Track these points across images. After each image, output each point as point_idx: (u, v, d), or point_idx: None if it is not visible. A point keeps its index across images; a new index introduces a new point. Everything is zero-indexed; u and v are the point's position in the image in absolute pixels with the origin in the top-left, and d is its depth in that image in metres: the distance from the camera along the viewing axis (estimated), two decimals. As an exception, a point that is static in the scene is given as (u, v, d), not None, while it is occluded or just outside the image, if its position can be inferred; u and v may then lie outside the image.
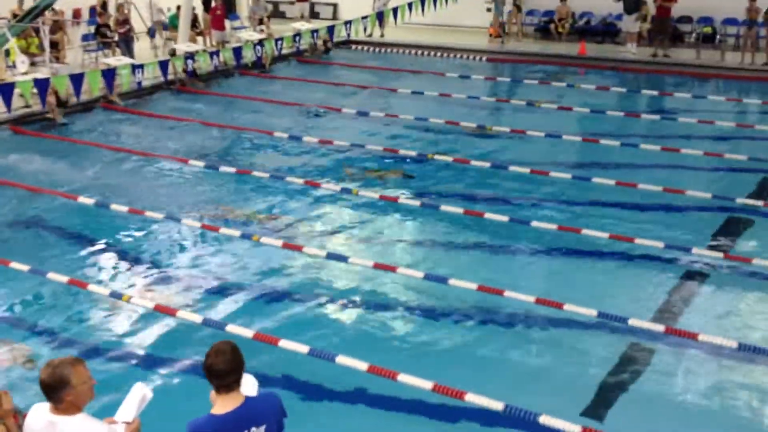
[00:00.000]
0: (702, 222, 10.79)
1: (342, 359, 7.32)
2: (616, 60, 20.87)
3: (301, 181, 12.35)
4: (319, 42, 22.79)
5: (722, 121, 15.23)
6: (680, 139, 14.12)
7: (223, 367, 4.25)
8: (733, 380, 7.38)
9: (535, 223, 10.46)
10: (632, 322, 8.04)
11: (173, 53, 18.66)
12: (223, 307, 8.58)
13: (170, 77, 17.77)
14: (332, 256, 9.66)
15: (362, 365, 7.22)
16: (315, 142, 14.51)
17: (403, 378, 7.01)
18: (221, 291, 9.02)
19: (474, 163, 13.03)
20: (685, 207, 11.20)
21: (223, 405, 4.31)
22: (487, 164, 12.87)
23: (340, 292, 8.99)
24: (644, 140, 14.00)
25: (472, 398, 6.73)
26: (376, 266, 9.40)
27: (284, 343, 7.59)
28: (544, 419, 6.47)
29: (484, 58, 22.44)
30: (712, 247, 9.89)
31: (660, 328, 8.01)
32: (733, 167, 12.68)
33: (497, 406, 6.63)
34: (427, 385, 6.91)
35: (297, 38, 18.86)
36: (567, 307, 8.29)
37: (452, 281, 8.86)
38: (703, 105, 16.64)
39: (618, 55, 21.44)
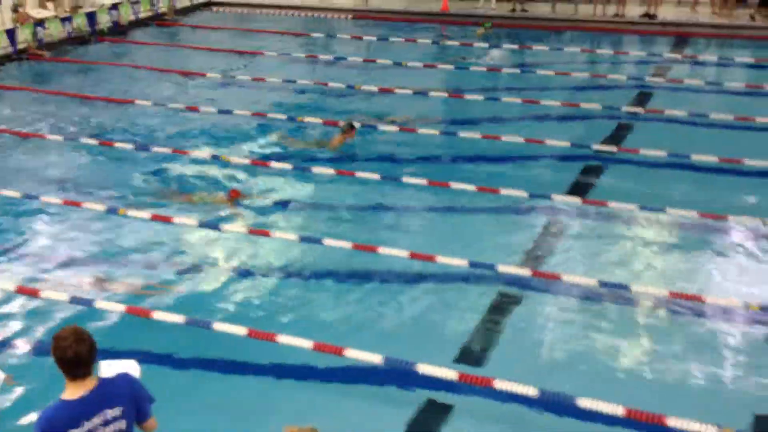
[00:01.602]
0: (561, 169, 11.28)
1: (219, 326, 7.32)
2: (478, 16, 21.31)
3: (168, 150, 12.08)
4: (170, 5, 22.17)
5: (577, 72, 15.86)
6: (539, 91, 14.63)
7: (85, 354, 4.08)
8: (595, 318, 7.82)
9: (405, 179, 10.69)
10: (501, 268, 8.39)
11: (15, 9, 17.60)
12: (90, 284, 8.38)
13: (20, 47, 16.87)
14: (205, 225, 9.57)
15: (241, 330, 7.25)
16: (181, 108, 14.19)
17: (283, 339, 7.09)
18: (87, 266, 8.79)
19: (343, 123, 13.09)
20: (546, 156, 11.68)
21: (74, 389, 4.15)
22: (357, 125, 12.95)
23: (213, 260, 8.93)
24: (507, 93, 14.43)
25: (352, 353, 6.88)
26: (251, 232, 9.40)
27: (159, 315, 7.51)
28: (422, 368, 6.70)
29: (350, 17, 22.46)
30: (571, 193, 10.38)
31: (527, 272, 8.41)
32: (587, 116, 13.26)
33: (376, 359, 6.81)
34: (307, 344, 7.01)
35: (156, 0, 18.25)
36: (439, 259, 8.57)
37: (327, 241, 8.97)
38: (560, 57, 17.25)
39: (479, 11, 21.91)
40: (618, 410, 6.16)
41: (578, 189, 10.56)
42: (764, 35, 18.71)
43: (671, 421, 6.03)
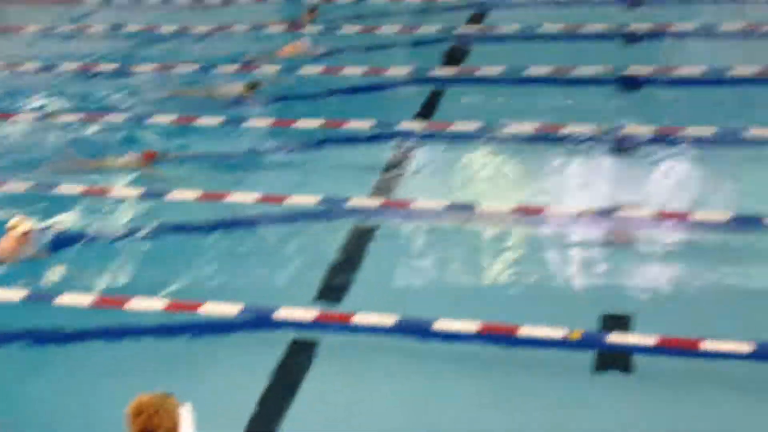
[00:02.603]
0: (405, 96, 11.34)
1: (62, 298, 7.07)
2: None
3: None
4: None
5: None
6: (377, 18, 14.52)
7: None
8: (448, 240, 8.03)
9: (246, 124, 10.51)
10: (352, 202, 8.45)
11: None
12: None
13: None
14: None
15: (86, 299, 7.02)
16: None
17: (135, 303, 6.92)
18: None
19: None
20: (389, 83, 11.69)
21: None
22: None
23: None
24: (345, 22, 14.24)
25: (210, 308, 6.80)
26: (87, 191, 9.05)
27: None
28: (282, 312, 6.71)
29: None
30: (416, 118, 10.48)
31: (378, 202, 8.50)
32: (425, 40, 13.31)
33: (234, 310, 6.76)
34: (159, 304, 6.86)
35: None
36: (289, 199, 8.53)
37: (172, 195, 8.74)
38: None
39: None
40: (473, 326, 6.39)
41: (423, 114, 10.66)
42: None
43: (523, 330, 6.31)
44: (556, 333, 6.24)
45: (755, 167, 8.71)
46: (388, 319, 6.55)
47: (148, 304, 6.89)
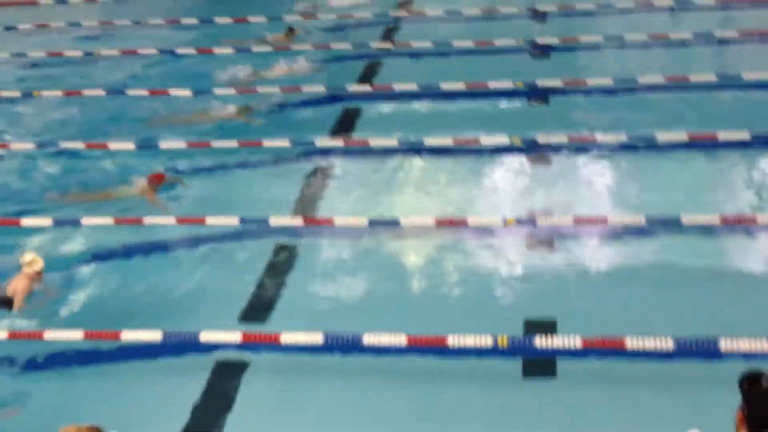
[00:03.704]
0: (321, 113, 11.31)
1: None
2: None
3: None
4: None
5: (324, 13, 15.79)
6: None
7: None
8: (370, 255, 8.03)
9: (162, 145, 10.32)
10: (273, 221, 8.36)
11: None
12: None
13: None
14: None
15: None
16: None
17: (50, 334, 6.69)
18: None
19: (87, 92, 12.28)
20: (305, 102, 11.65)
21: None
22: (102, 92, 12.22)
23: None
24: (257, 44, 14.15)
25: (129, 336, 6.60)
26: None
27: None
28: (205, 335, 6.56)
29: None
30: (333, 136, 10.46)
31: (299, 221, 8.43)
32: (340, 57, 13.34)
33: (156, 336, 6.58)
34: (77, 335, 6.64)
35: None
36: (210, 220, 8.38)
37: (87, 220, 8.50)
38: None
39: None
40: (401, 340, 6.37)
41: (339, 131, 10.65)
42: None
43: (450, 340, 6.32)
44: (484, 341, 6.27)
45: (665, 170, 8.99)
46: (315, 337, 6.47)
47: (67, 335, 6.64)
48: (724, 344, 5.94)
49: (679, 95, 10.78)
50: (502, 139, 9.83)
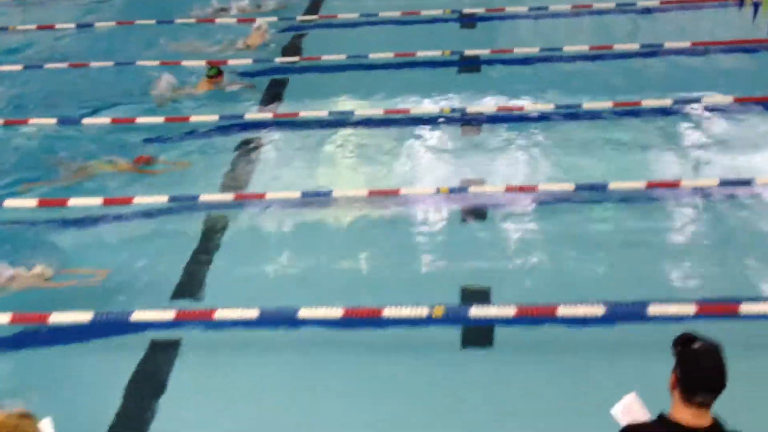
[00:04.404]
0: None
1: None
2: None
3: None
4: None
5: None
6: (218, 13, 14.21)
7: None
8: (303, 227, 7.96)
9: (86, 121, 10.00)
10: (203, 197, 8.21)
11: None
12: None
13: None
14: None
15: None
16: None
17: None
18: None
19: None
20: (231, 74, 11.42)
21: None
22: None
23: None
24: (181, 16, 13.76)
25: (57, 318, 6.43)
26: None
27: None
28: (137, 315, 6.42)
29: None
30: (262, 109, 10.31)
31: (230, 197, 8.31)
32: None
33: (86, 317, 6.41)
34: (4, 318, 6.42)
35: None
36: (137, 200, 8.20)
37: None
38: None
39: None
40: (337, 313, 6.34)
41: (268, 103, 10.48)
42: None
43: (386, 311, 6.32)
44: (420, 312, 6.29)
45: (593, 138, 9.15)
46: (250, 313, 6.40)
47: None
48: (653, 308, 6.09)
49: (604, 63, 10.98)
50: (432, 108, 9.84)
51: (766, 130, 9.14)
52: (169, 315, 6.47)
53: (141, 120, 9.95)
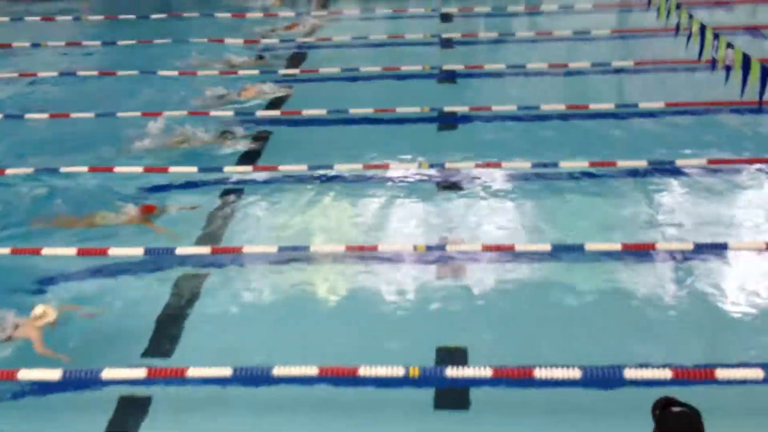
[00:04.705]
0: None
1: None
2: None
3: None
4: None
5: (230, 38, 15.58)
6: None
7: None
8: (280, 283, 7.91)
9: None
10: (178, 251, 8.15)
11: None
12: None
13: None
14: None
15: None
16: None
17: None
18: None
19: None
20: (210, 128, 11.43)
21: None
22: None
23: None
24: (163, 67, 13.85)
25: (26, 374, 6.29)
26: None
27: None
28: (107, 373, 6.31)
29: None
30: (241, 162, 10.31)
31: (207, 250, 8.25)
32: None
33: (55, 375, 6.28)
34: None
35: None
36: (111, 251, 8.13)
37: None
38: (207, 27, 16.75)
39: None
40: (312, 371, 6.27)
41: (248, 158, 10.49)
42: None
43: (362, 370, 6.25)
44: (396, 372, 6.23)
45: (569, 197, 9.22)
46: (224, 371, 6.31)
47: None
48: (629, 373, 6.07)
49: (580, 122, 11.15)
50: (411, 165, 9.90)
51: (740, 192, 9.26)
52: (140, 373, 6.35)
53: (119, 170, 9.93)
